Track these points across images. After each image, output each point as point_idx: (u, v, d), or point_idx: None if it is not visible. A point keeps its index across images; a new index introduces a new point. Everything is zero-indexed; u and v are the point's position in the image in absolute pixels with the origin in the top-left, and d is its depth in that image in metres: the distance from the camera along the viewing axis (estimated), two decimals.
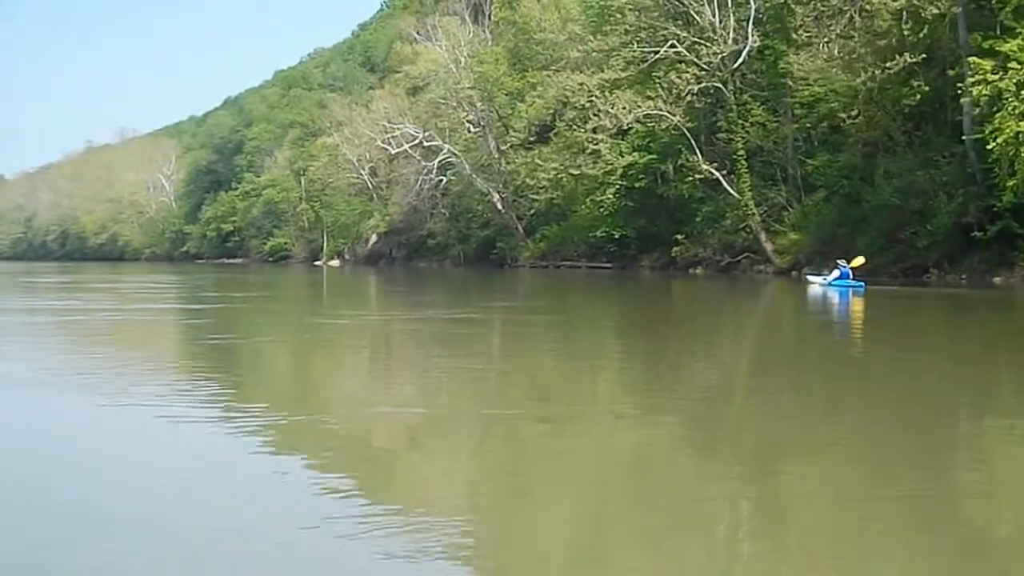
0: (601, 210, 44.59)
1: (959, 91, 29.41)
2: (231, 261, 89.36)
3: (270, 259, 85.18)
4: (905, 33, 29.56)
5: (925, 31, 29.09)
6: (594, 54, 41.89)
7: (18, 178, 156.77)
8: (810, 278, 29.10)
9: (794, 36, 35.08)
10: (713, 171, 38.52)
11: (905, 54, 29.40)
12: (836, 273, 27.39)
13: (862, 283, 26.64)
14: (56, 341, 14.34)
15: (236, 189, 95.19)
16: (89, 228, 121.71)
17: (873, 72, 30.19)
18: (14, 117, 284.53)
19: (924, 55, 29.87)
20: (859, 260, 28.15)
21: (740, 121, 38.46)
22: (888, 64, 29.63)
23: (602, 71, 41.22)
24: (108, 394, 8.48)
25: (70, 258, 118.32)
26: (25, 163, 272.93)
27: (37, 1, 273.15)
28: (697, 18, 38.24)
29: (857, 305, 22.31)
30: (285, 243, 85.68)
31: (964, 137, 29.50)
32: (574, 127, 44.06)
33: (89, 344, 13.80)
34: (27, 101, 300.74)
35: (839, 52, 32.48)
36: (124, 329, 17.04)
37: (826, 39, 32.79)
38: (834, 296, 24.65)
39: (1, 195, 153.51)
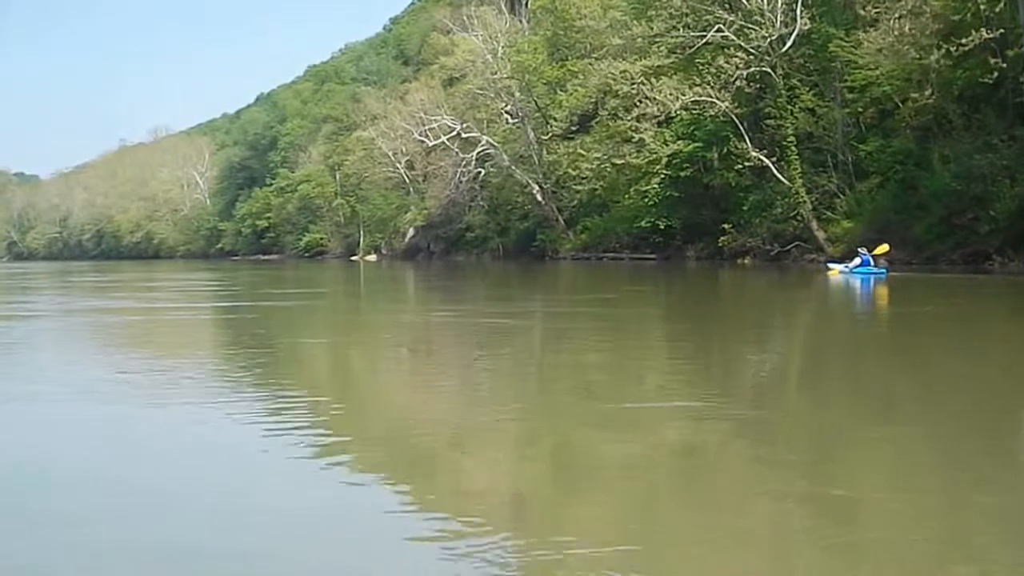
0: (645, 200, 43.93)
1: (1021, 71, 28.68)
2: (266, 257, 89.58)
3: (306, 255, 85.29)
4: (981, 7, 28.79)
5: (1001, 6, 28.35)
6: (637, 41, 41.23)
7: (53, 178, 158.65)
8: (831, 265, 29.08)
9: (861, 13, 34.29)
10: (763, 158, 37.81)
11: (982, 29, 28.62)
12: (857, 261, 27.65)
13: (883, 270, 27.10)
14: (136, 345, 14.12)
15: (270, 185, 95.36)
16: (124, 227, 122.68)
17: (947, 49, 29.46)
18: (49, 118, 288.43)
19: (1002, 31, 29.09)
20: (883, 247, 28.67)
21: (789, 107, 37.73)
22: (964, 40, 28.87)
23: (645, 58, 40.64)
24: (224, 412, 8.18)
25: (105, 257, 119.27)
26: (60, 163, 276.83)
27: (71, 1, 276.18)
28: (744, 1, 37.53)
29: (916, 296, 21.74)
30: (321, 238, 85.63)
31: None
32: (617, 116, 43.48)
33: (172, 349, 13.61)
34: (61, 102, 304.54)
35: (909, 29, 31.68)
36: (198, 332, 16.84)
37: (897, 15, 31.94)
38: (856, 283, 24.87)
39: (37, 195, 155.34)
